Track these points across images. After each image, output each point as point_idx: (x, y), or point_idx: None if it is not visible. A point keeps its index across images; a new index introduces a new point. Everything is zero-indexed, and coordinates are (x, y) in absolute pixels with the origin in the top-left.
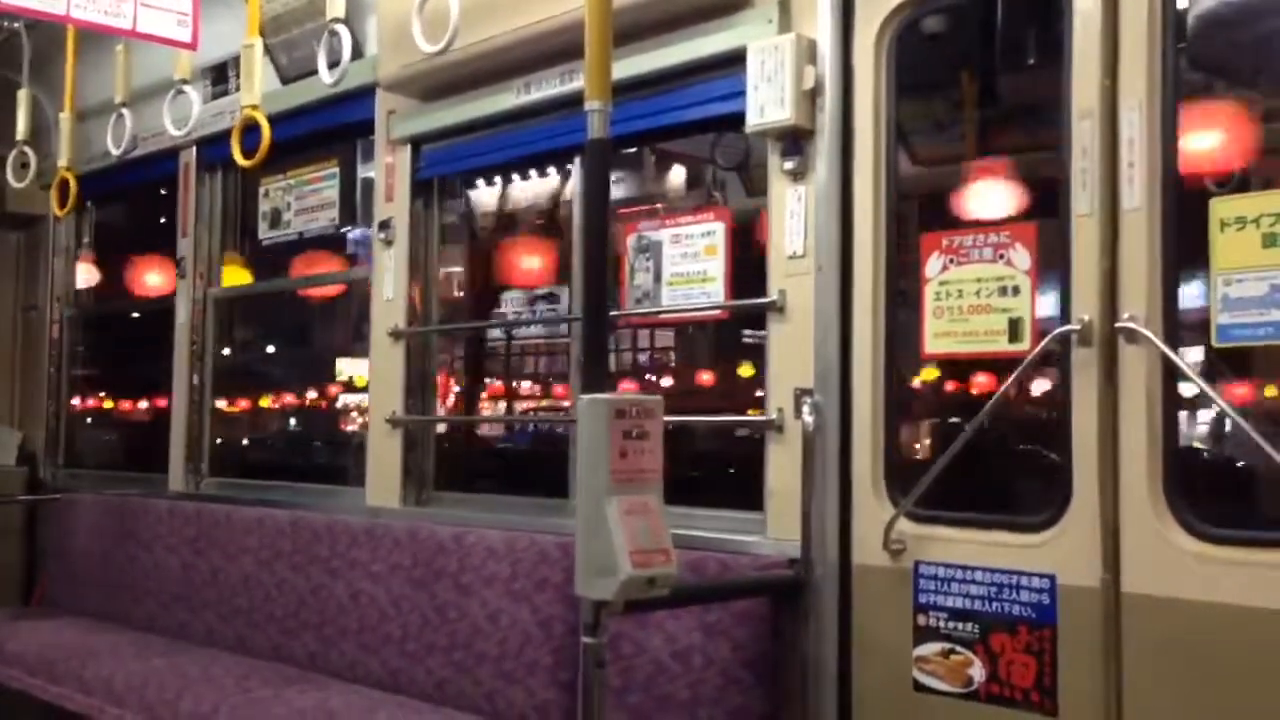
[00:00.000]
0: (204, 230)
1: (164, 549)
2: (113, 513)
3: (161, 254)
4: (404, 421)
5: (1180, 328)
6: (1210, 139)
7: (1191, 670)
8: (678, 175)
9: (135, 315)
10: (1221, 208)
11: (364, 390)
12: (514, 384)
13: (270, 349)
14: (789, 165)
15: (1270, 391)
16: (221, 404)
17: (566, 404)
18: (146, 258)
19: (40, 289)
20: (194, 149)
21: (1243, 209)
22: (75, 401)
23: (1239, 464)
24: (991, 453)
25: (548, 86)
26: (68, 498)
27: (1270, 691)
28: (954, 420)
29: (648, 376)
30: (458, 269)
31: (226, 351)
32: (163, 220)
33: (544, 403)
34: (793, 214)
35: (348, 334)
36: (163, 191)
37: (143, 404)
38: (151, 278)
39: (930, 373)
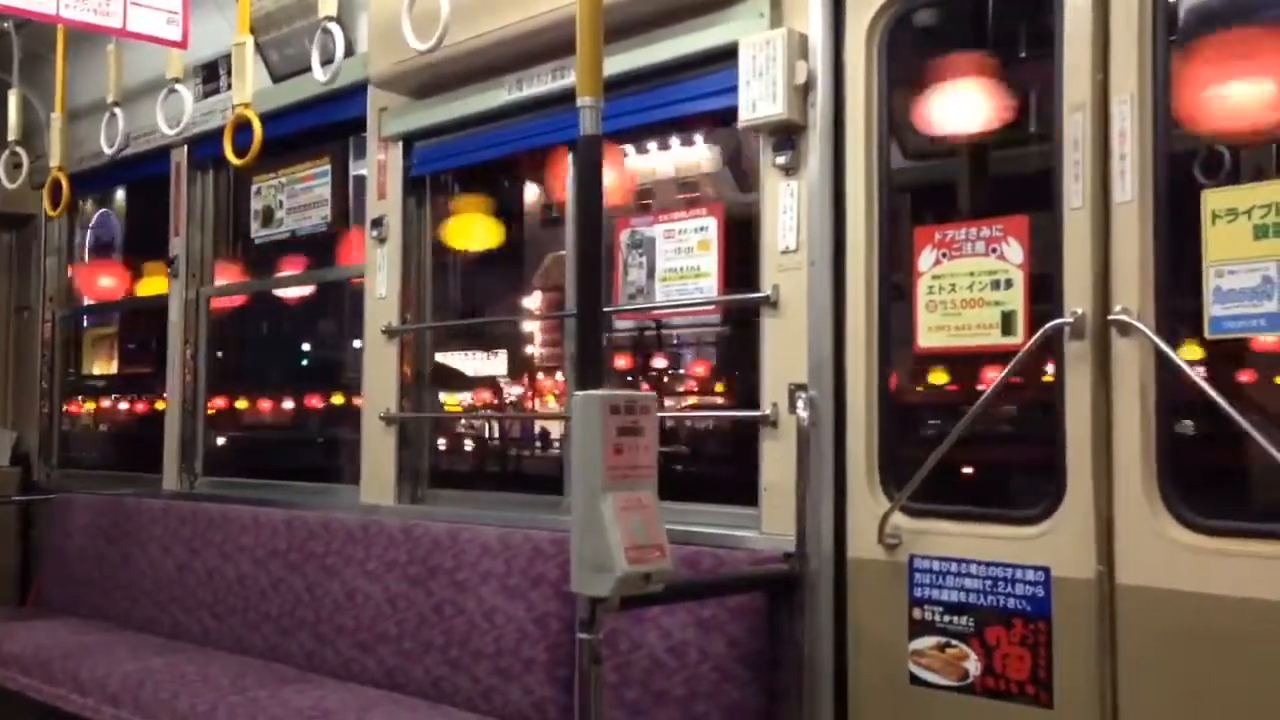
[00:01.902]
0: (196, 229)
1: (159, 549)
2: (107, 513)
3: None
4: (398, 419)
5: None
6: None
7: (1186, 661)
8: None
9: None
10: (1213, 199)
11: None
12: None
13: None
14: (781, 160)
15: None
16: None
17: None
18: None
19: (33, 289)
20: (185, 148)
21: (1234, 200)
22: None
23: (1232, 455)
24: (985, 446)
25: (539, 83)
26: (62, 498)
27: (1264, 681)
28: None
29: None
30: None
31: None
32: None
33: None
34: (785, 209)
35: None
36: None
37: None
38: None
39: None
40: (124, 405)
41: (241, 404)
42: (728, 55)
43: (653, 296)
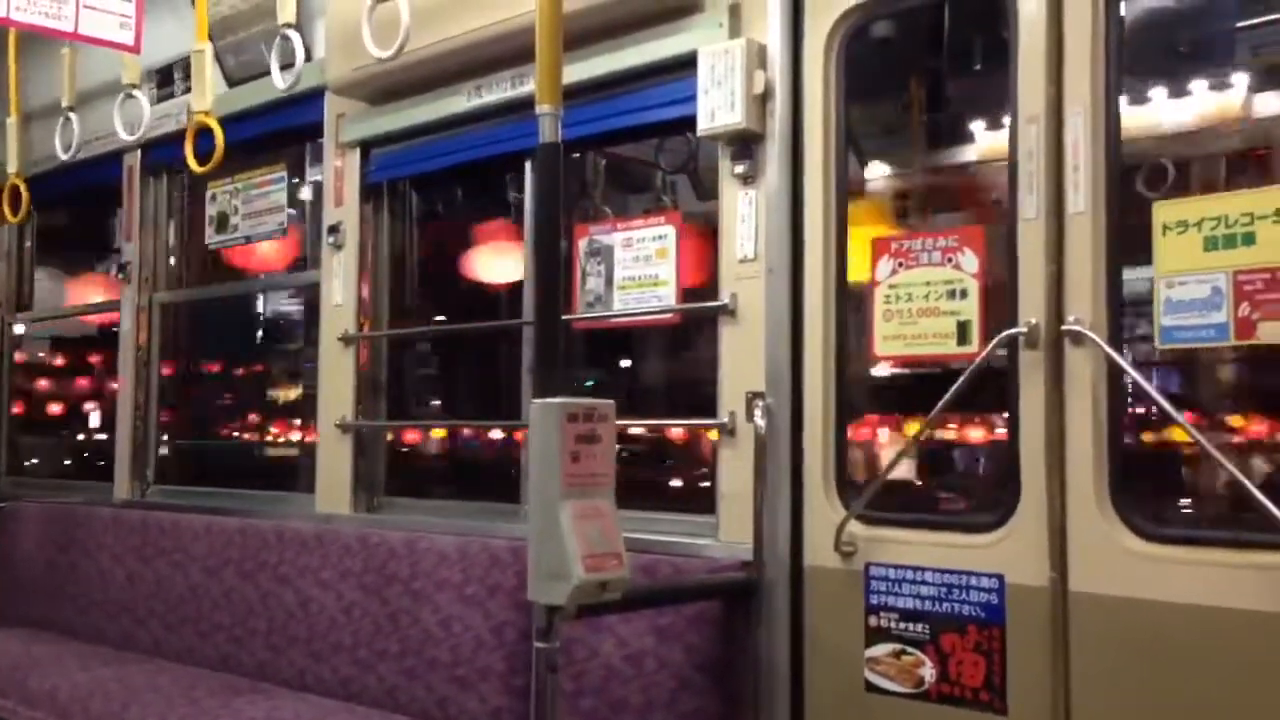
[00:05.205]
0: (149, 235)
1: (109, 558)
2: (57, 521)
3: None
4: (354, 426)
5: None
6: None
7: (1138, 668)
8: None
9: None
10: (1164, 211)
11: None
12: None
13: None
14: (739, 169)
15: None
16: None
17: None
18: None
19: None
20: (138, 152)
21: (1184, 213)
22: None
23: (1183, 465)
24: (940, 454)
25: (499, 90)
26: (11, 506)
27: (1214, 687)
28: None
29: None
30: None
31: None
32: None
33: None
34: (743, 218)
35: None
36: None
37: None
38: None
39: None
40: None
41: None
42: (687, 64)
43: (610, 305)
